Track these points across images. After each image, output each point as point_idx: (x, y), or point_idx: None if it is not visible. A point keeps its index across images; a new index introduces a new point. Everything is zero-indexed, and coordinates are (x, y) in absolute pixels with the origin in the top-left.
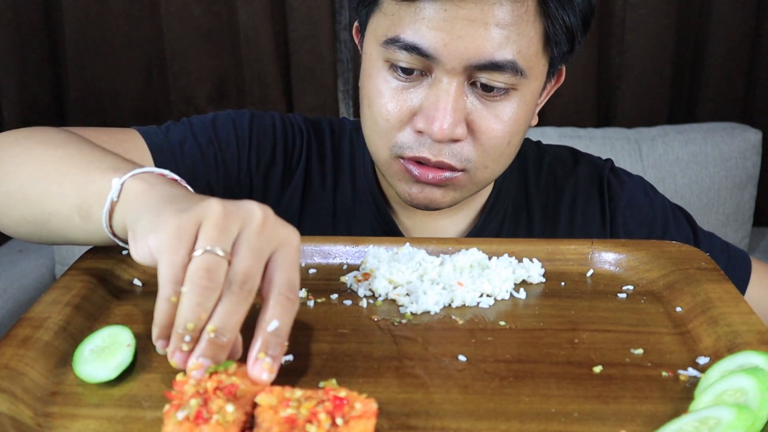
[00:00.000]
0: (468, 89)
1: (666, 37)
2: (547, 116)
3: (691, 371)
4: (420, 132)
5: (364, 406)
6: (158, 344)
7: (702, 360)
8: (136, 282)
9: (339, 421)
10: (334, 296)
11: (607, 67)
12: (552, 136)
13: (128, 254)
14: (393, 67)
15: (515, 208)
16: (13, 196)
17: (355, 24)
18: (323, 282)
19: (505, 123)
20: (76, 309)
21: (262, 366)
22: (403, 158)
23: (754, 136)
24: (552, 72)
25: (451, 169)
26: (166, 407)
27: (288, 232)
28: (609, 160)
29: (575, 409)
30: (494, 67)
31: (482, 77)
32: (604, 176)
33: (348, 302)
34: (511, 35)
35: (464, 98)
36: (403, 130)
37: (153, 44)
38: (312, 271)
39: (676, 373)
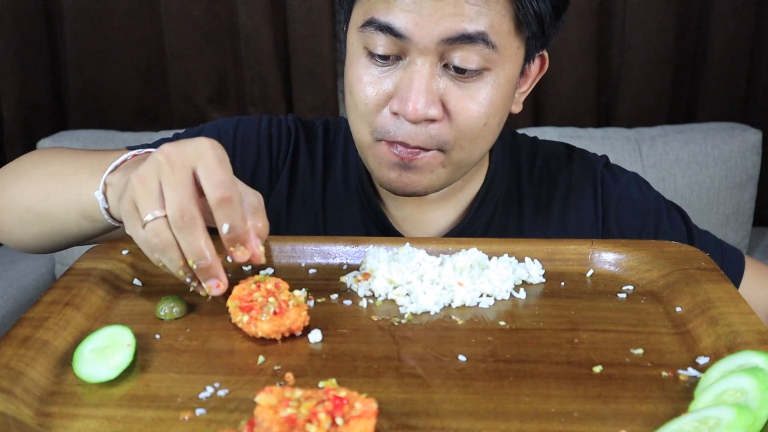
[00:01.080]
0: (441, 70)
1: (666, 37)
2: (547, 116)
3: (691, 371)
4: (396, 114)
5: (364, 406)
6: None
7: (702, 360)
8: (136, 282)
9: (339, 420)
10: (334, 296)
11: (607, 67)
12: (552, 136)
13: (128, 254)
14: (371, 54)
15: (507, 200)
16: (26, 216)
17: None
18: (323, 282)
19: (480, 104)
20: (76, 309)
21: (235, 255)
22: (385, 140)
23: (754, 136)
24: (529, 57)
25: (428, 149)
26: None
27: (196, 146)
28: (604, 156)
29: (575, 408)
30: (466, 39)
31: (455, 56)
32: (597, 171)
33: (348, 302)
34: (482, 10)
35: (437, 79)
36: (381, 114)
37: (153, 44)
38: (312, 271)
39: (676, 373)
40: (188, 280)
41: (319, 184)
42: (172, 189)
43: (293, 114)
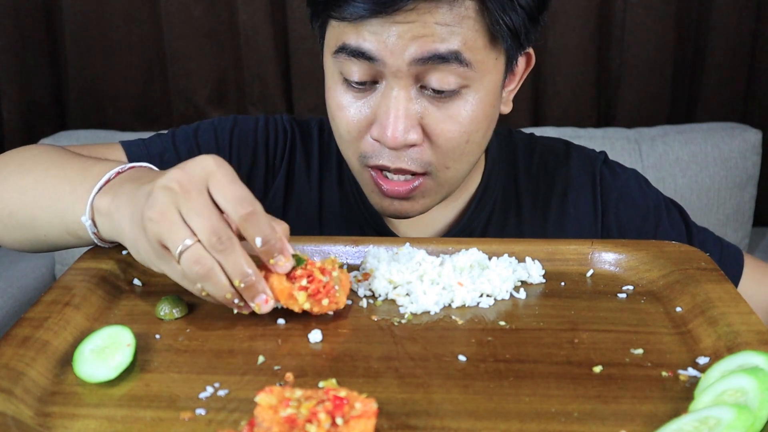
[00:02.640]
0: (417, 92)
1: (666, 37)
2: (547, 116)
3: (691, 371)
4: (377, 140)
5: (364, 406)
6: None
7: (702, 360)
8: (136, 282)
9: (339, 420)
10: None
11: (607, 67)
12: (552, 136)
13: (128, 254)
14: (347, 80)
15: (504, 198)
16: (8, 221)
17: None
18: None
19: (460, 123)
20: (76, 309)
21: (278, 266)
22: (369, 167)
23: (754, 136)
24: (511, 62)
25: (412, 174)
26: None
27: (202, 167)
28: (602, 152)
29: (575, 408)
30: (439, 59)
31: (431, 77)
32: (597, 168)
33: (348, 302)
34: (453, 29)
35: (414, 102)
36: (364, 139)
37: (153, 44)
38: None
39: (676, 373)
40: (236, 301)
41: (315, 185)
42: (198, 214)
43: (288, 114)
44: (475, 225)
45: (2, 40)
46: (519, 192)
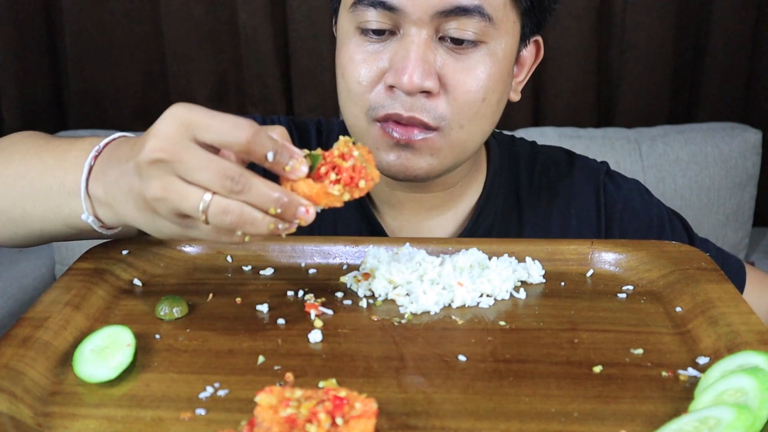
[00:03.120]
0: (437, 43)
1: (666, 37)
2: (547, 116)
3: (691, 371)
4: (391, 88)
5: (364, 406)
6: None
7: (702, 360)
8: (136, 282)
9: (339, 420)
10: (335, 296)
11: (607, 67)
12: (552, 136)
13: (128, 254)
14: (364, 31)
15: (505, 209)
16: None
17: (334, 19)
18: (323, 282)
19: (478, 78)
20: (76, 309)
21: (294, 171)
22: (378, 121)
23: (754, 136)
24: (525, 35)
25: (425, 126)
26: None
27: (174, 119)
28: (604, 163)
29: (575, 408)
30: (461, 11)
31: (450, 27)
32: (600, 179)
33: (348, 302)
34: None
35: (434, 51)
36: (374, 91)
37: (153, 44)
38: (312, 271)
39: (676, 373)
40: (280, 226)
41: None
42: (199, 169)
43: (286, 116)
44: (476, 236)
45: (2, 40)
46: (521, 203)
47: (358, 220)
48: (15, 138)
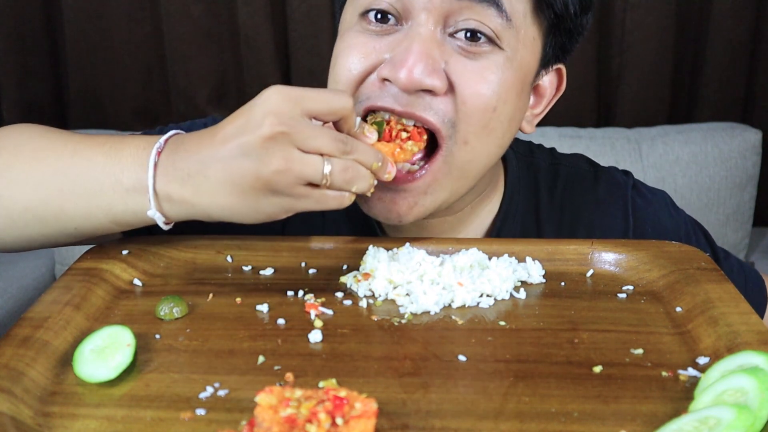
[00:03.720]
0: (448, 39)
1: (666, 37)
2: (547, 116)
3: (691, 371)
4: (384, 81)
5: (364, 406)
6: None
7: (702, 360)
8: (136, 282)
9: (339, 420)
10: (335, 296)
11: (607, 67)
12: (552, 136)
13: (128, 254)
14: (368, 14)
15: (524, 230)
16: (19, 218)
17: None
18: (323, 282)
19: (489, 82)
20: (76, 309)
21: (371, 136)
22: (365, 120)
23: (754, 136)
24: (546, 59)
25: (423, 122)
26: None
27: (279, 99)
28: (629, 175)
29: (575, 408)
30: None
31: (463, 18)
32: (627, 197)
33: (348, 302)
34: None
35: (441, 48)
36: (366, 82)
37: (153, 44)
38: (312, 271)
39: (676, 373)
40: (374, 182)
41: None
42: (313, 138)
43: None
44: None
45: (2, 40)
46: (540, 223)
47: (364, 218)
48: (34, 131)
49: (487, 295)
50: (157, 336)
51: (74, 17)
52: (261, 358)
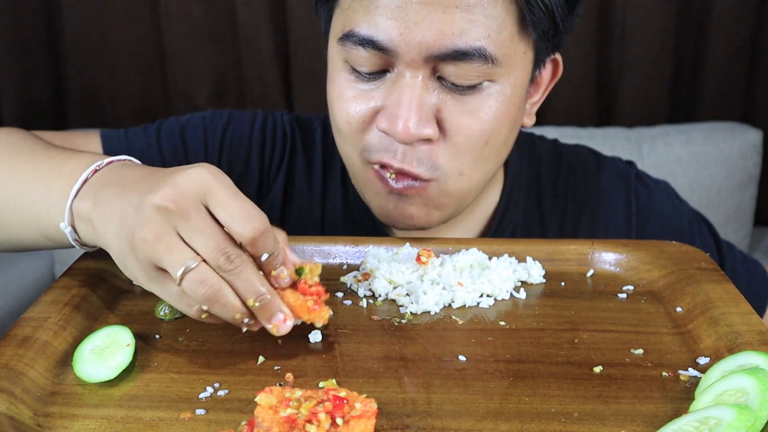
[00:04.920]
0: (435, 83)
1: (666, 37)
2: (547, 116)
3: (692, 371)
4: (385, 132)
5: (364, 406)
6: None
7: (702, 360)
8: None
9: (339, 420)
10: (335, 296)
11: (607, 67)
12: (552, 136)
13: None
14: (353, 69)
15: (526, 219)
16: None
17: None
18: (323, 282)
19: (480, 119)
20: (76, 309)
21: (279, 278)
22: (371, 163)
23: (754, 136)
24: (540, 61)
25: (416, 178)
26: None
27: (197, 181)
28: (633, 165)
29: (575, 409)
30: (459, 55)
31: (448, 70)
32: (630, 185)
33: (348, 302)
34: (476, 18)
35: (431, 93)
36: (368, 132)
37: (153, 44)
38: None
39: (676, 373)
40: (246, 321)
41: (318, 194)
42: (201, 233)
43: (289, 113)
44: None
45: (2, 40)
46: (543, 212)
47: (366, 231)
48: (10, 136)
49: (487, 295)
50: (157, 336)
51: (74, 17)
52: (261, 358)
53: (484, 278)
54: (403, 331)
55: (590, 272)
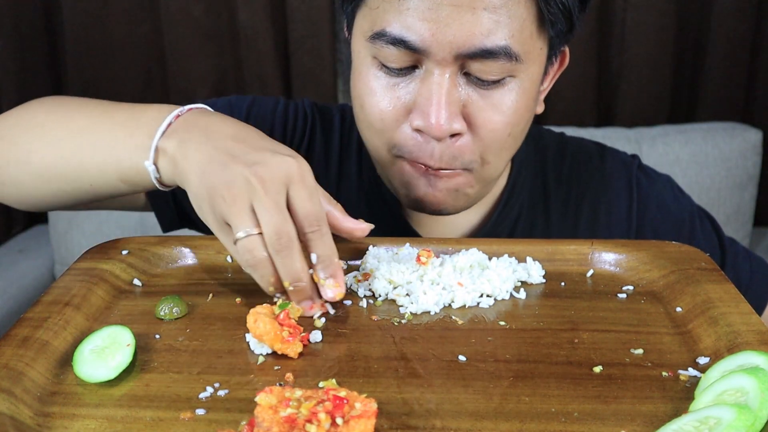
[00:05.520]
0: (461, 79)
1: (666, 37)
2: (547, 116)
3: (692, 371)
4: (418, 130)
5: (364, 406)
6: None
7: (702, 360)
8: (136, 282)
9: (339, 420)
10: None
11: (607, 67)
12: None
13: (128, 254)
14: (382, 65)
15: (532, 202)
16: (46, 173)
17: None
18: None
19: (504, 113)
20: (76, 309)
21: (326, 289)
22: (406, 159)
23: (754, 136)
24: (553, 54)
25: (452, 171)
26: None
27: (286, 168)
28: (636, 157)
29: (575, 408)
30: (486, 54)
31: (475, 67)
32: (632, 173)
33: (348, 302)
34: (501, 19)
35: (458, 89)
36: (400, 129)
37: (153, 44)
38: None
39: (676, 373)
40: (277, 295)
41: (334, 178)
42: (267, 211)
43: (310, 100)
44: (500, 230)
45: (2, 40)
46: (548, 196)
47: (380, 212)
48: (68, 99)
49: (487, 296)
50: (157, 336)
51: (74, 17)
52: (261, 358)
53: (484, 278)
54: (403, 331)
55: (590, 272)
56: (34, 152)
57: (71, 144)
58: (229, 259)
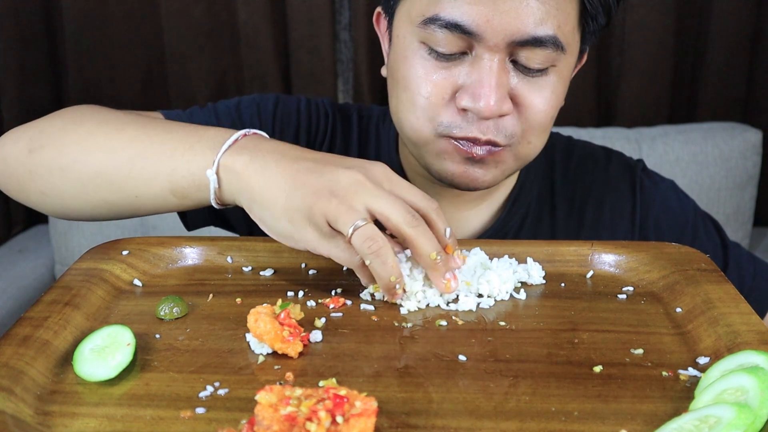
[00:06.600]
0: (509, 65)
1: (666, 37)
2: None
3: (692, 371)
4: (464, 110)
5: (364, 405)
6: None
7: (702, 360)
8: (136, 282)
9: (339, 419)
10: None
11: (607, 67)
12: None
13: (128, 254)
14: (431, 49)
15: (539, 200)
16: (90, 182)
17: (377, 10)
18: (324, 283)
19: (547, 98)
20: (76, 309)
21: (456, 258)
22: (452, 137)
23: (754, 136)
24: (583, 50)
25: (497, 145)
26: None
27: (380, 169)
28: (641, 161)
29: (575, 408)
30: (536, 42)
31: (523, 54)
32: (636, 175)
33: (348, 302)
34: (550, 10)
35: (507, 74)
36: (446, 109)
37: (153, 44)
38: (312, 271)
39: (676, 372)
40: (397, 287)
41: None
42: (386, 200)
43: (330, 99)
44: (509, 227)
45: (2, 40)
46: (554, 195)
47: None
48: (111, 111)
49: (488, 296)
50: (157, 336)
51: (74, 17)
52: (261, 358)
53: (485, 279)
54: (403, 331)
55: (590, 273)
56: (80, 160)
57: (122, 153)
58: (229, 259)
